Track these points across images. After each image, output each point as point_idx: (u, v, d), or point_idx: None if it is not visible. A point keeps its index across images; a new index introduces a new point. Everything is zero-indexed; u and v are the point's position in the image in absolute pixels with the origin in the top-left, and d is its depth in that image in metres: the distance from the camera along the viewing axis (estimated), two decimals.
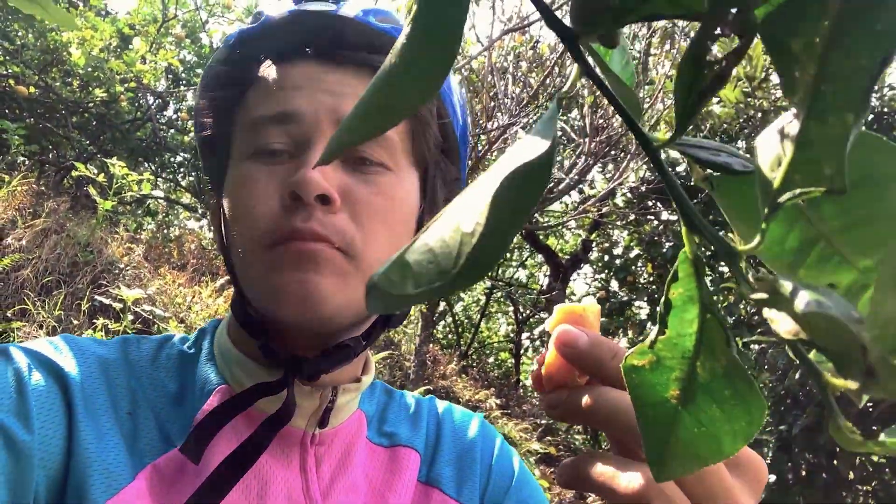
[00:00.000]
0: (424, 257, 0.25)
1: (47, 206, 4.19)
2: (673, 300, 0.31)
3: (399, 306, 0.26)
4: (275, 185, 0.79)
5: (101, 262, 3.98)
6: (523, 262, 11.79)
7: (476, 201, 0.25)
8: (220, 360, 0.88)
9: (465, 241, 0.25)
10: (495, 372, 11.40)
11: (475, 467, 0.97)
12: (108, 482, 0.73)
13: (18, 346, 0.80)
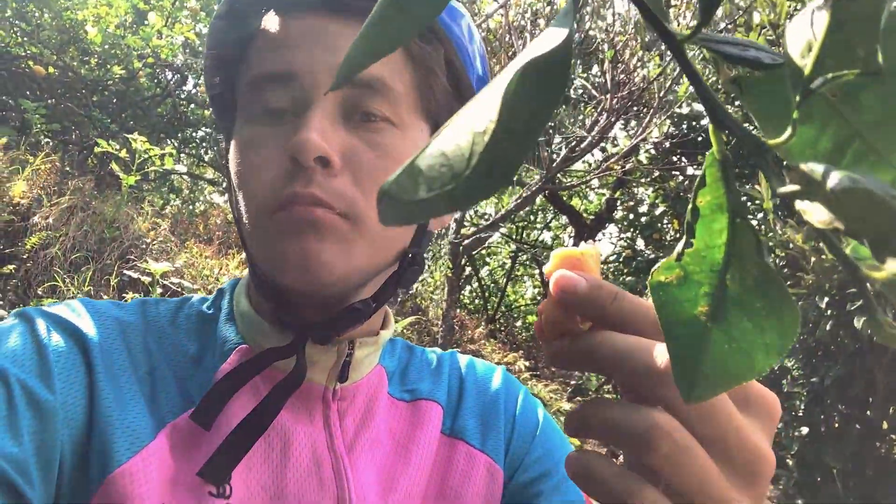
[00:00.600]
0: (437, 161, 0.24)
1: (72, 185, 4.22)
2: (700, 208, 0.29)
3: (412, 214, 0.25)
4: (276, 149, 0.78)
5: (127, 237, 4.01)
6: (547, 224, 11.74)
7: (489, 100, 0.24)
8: (240, 320, 0.88)
9: (478, 140, 0.23)
10: (523, 335, 11.40)
11: (499, 419, 0.96)
12: (131, 440, 0.74)
13: (37, 309, 0.81)
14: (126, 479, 0.72)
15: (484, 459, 0.93)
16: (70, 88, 7.10)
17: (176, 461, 0.77)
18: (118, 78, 7.12)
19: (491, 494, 0.91)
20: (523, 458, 0.95)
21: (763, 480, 0.46)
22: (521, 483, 0.93)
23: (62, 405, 0.72)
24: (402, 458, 0.89)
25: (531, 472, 0.93)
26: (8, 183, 3.76)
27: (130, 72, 7.08)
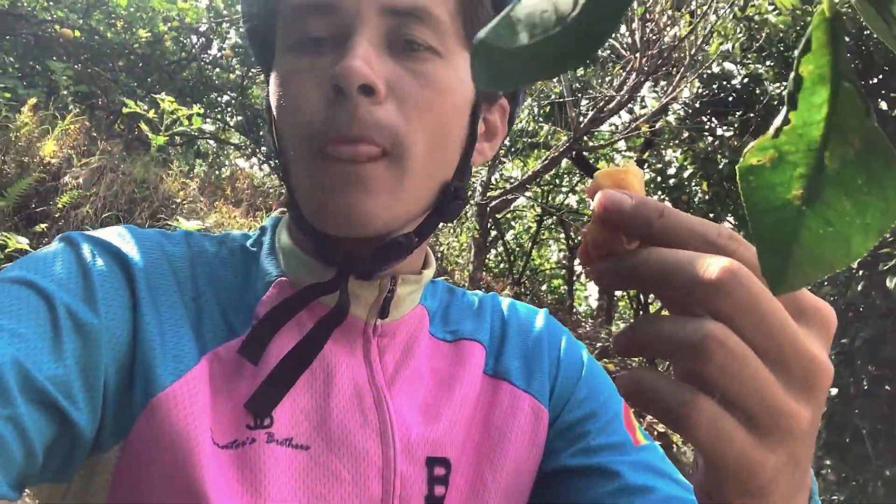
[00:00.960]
0: (538, 6, 0.23)
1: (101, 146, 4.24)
2: (804, 77, 0.28)
3: (512, 69, 0.24)
4: (318, 80, 0.76)
5: (157, 197, 4.04)
6: (573, 187, 11.67)
7: None
8: (281, 255, 0.88)
9: None
10: (549, 298, 11.40)
11: (543, 360, 0.96)
12: (175, 364, 0.74)
13: (82, 233, 0.81)
14: (171, 402, 0.72)
15: (528, 399, 0.92)
16: (96, 52, 7.12)
17: (217, 389, 0.77)
18: (144, 41, 7.12)
19: (535, 433, 0.91)
20: (568, 398, 0.94)
21: (820, 389, 0.45)
22: (567, 423, 0.92)
23: (106, 328, 0.72)
24: (445, 392, 0.89)
25: (577, 413, 0.93)
26: (38, 143, 3.79)
27: (156, 35, 7.08)
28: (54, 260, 0.75)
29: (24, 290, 0.71)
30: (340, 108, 0.74)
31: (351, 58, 0.73)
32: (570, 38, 0.23)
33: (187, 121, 4.46)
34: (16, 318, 0.68)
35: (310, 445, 0.78)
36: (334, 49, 0.77)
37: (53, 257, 0.76)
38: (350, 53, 0.74)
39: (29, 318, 0.68)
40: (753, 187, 0.31)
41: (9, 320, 0.67)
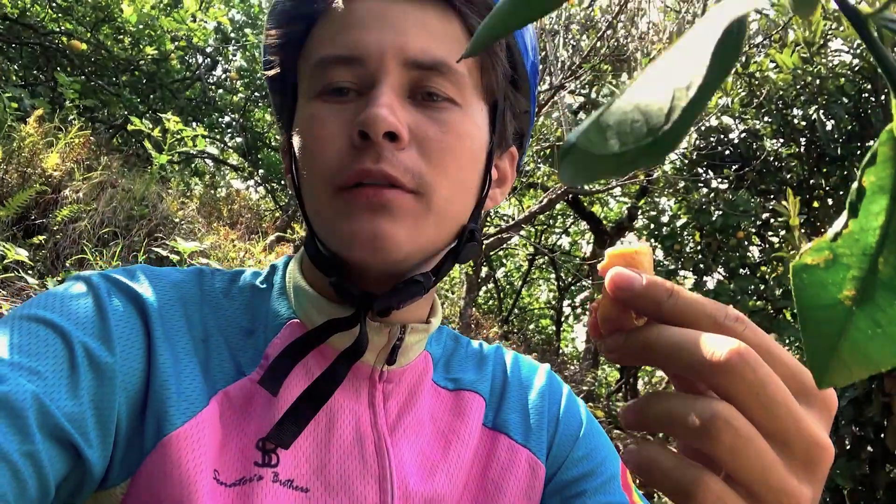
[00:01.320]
0: (629, 116, 0.24)
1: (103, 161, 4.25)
2: (865, 188, 0.29)
3: (598, 170, 0.25)
4: (342, 125, 0.79)
5: (155, 216, 4.04)
6: (566, 229, 11.72)
7: (690, 56, 0.23)
8: (292, 295, 0.89)
9: (679, 95, 0.23)
10: (536, 338, 11.40)
11: (543, 416, 0.96)
12: (186, 405, 0.76)
13: (98, 273, 0.83)
14: (181, 442, 0.73)
15: (526, 454, 0.93)
16: (101, 66, 7.15)
17: (226, 428, 0.78)
18: (150, 58, 7.16)
19: (532, 488, 0.91)
20: (567, 456, 0.95)
21: (821, 468, 0.47)
22: (564, 481, 0.93)
23: (121, 367, 0.74)
24: (441, 448, 0.89)
25: (575, 471, 0.93)
26: (42, 154, 3.80)
27: (162, 53, 7.12)
28: (72, 299, 0.77)
29: (42, 328, 0.72)
30: (367, 153, 0.77)
31: (376, 106, 0.76)
32: (658, 147, 0.24)
33: (192, 142, 4.48)
34: (34, 356, 0.69)
35: (309, 488, 0.79)
36: (358, 97, 0.80)
37: (71, 296, 0.77)
38: (375, 101, 0.76)
39: (47, 357, 0.70)
40: (806, 284, 0.32)
41: (28, 358, 0.69)
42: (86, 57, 6.84)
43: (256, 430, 0.79)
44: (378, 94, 0.77)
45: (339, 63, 0.80)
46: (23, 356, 0.69)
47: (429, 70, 0.80)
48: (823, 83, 5.75)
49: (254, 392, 0.81)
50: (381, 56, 0.79)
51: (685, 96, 0.23)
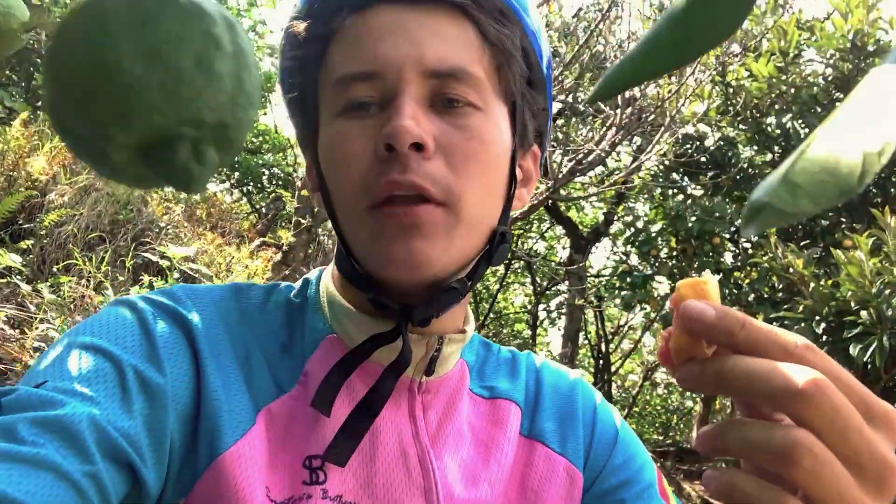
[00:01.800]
0: (818, 177, 0.27)
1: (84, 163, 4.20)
2: None
3: (781, 221, 0.27)
4: (367, 140, 0.79)
5: (140, 220, 4.01)
6: (543, 233, 11.78)
7: (879, 115, 0.26)
8: (328, 309, 0.90)
9: (871, 161, 0.26)
10: (512, 342, 11.43)
11: (577, 423, 0.97)
12: (236, 424, 0.76)
13: (140, 297, 0.83)
14: (234, 462, 0.74)
15: (564, 463, 0.93)
16: None
17: (272, 446, 0.79)
18: None
19: (570, 498, 0.92)
20: (604, 465, 0.95)
21: (890, 488, 0.50)
22: (603, 490, 0.94)
23: (171, 388, 0.74)
24: (482, 457, 0.90)
25: (613, 480, 0.94)
26: (28, 157, 3.76)
27: None
28: (118, 324, 0.77)
29: (91, 354, 0.73)
30: (394, 166, 0.77)
31: (400, 118, 0.76)
32: (845, 198, 0.27)
33: None
34: (86, 381, 0.70)
35: (357, 502, 0.80)
36: (381, 111, 0.80)
37: (117, 321, 0.78)
38: (398, 113, 0.77)
39: (98, 381, 0.70)
40: None
41: (81, 384, 0.69)
42: None
43: (301, 447, 0.80)
44: (400, 106, 0.78)
45: (359, 79, 0.80)
46: (75, 382, 0.69)
47: (447, 77, 0.80)
48: (797, 92, 5.86)
49: (295, 409, 0.82)
50: (400, 68, 0.79)
51: (877, 161, 0.26)
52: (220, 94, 0.30)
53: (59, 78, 0.31)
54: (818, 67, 5.99)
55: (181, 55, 0.30)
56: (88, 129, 0.31)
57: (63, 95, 0.31)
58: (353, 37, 0.83)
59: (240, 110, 0.31)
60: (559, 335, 10.15)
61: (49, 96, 0.33)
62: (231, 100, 0.31)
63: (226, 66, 0.31)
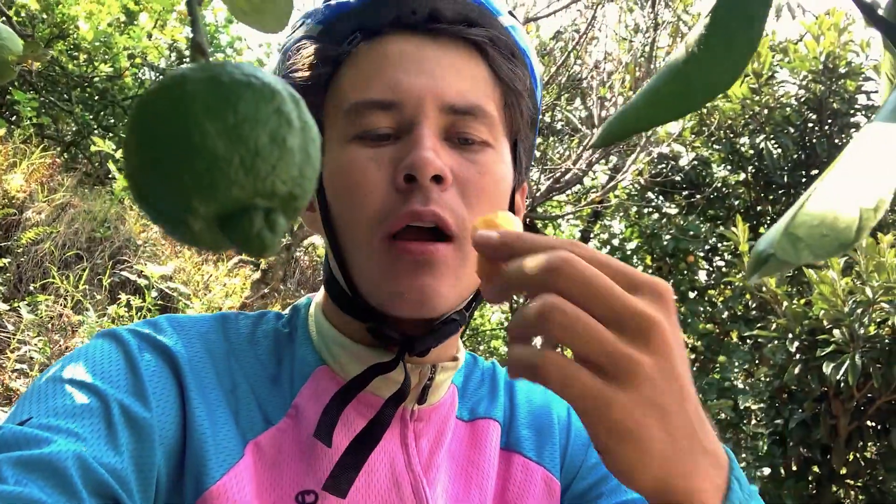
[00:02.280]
0: (817, 230, 0.29)
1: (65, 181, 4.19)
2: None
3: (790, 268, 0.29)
4: (383, 169, 0.80)
5: (118, 238, 3.99)
6: None
7: (873, 173, 0.28)
8: (318, 340, 0.89)
9: (867, 216, 0.28)
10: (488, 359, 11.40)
11: (553, 428, 0.98)
12: (223, 457, 0.76)
13: (125, 329, 0.83)
14: (221, 497, 0.74)
15: (541, 472, 0.94)
16: (53, 82, 7.02)
17: (260, 479, 0.79)
18: (104, 75, 7.06)
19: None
20: (580, 466, 0.97)
21: (657, 339, 0.56)
22: (580, 490, 0.95)
23: (158, 422, 0.74)
24: (463, 484, 0.90)
25: (589, 479, 0.95)
26: (5, 175, 3.73)
27: (117, 70, 7.02)
28: (103, 357, 0.77)
29: (75, 389, 0.72)
30: (413, 196, 0.78)
31: (422, 149, 0.77)
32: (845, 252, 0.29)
33: None
34: (72, 417, 0.70)
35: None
36: (395, 140, 0.81)
37: (101, 355, 0.78)
38: (420, 145, 0.78)
39: (83, 417, 0.70)
40: None
41: (66, 420, 0.69)
42: (38, 73, 6.72)
43: (292, 481, 0.80)
44: (421, 137, 0.78)
45: (376, 107, 0.81)
46: (60, 418, 0.69)
47: (465, 115, 0.82)
48: (771, 113, 5.95)
49: (283, 442, 0.81)
50: (420, 101, 0.80)
51: (873, 217, 0.28)
52: (291, 168, 0.33)
53: (144, 152, 0.34)
54: (791, 89, 6.09)
55: (258, 133, 0.32)
56: (171, 201, 0.33)
57: (148, 169, 0.34)
58: (368, 62, 0.83)
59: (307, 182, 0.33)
60: None
61: (132, 169, 0.35)
62: (300, 172, 0.33)
63: (295, 140, 0.33)
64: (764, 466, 5.00)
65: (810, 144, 5.91)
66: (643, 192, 6.98)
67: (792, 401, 4.98)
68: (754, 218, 6.33)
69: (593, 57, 6.70)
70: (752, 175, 6.36)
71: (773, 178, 6.05)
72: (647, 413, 0.55)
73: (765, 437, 5.19)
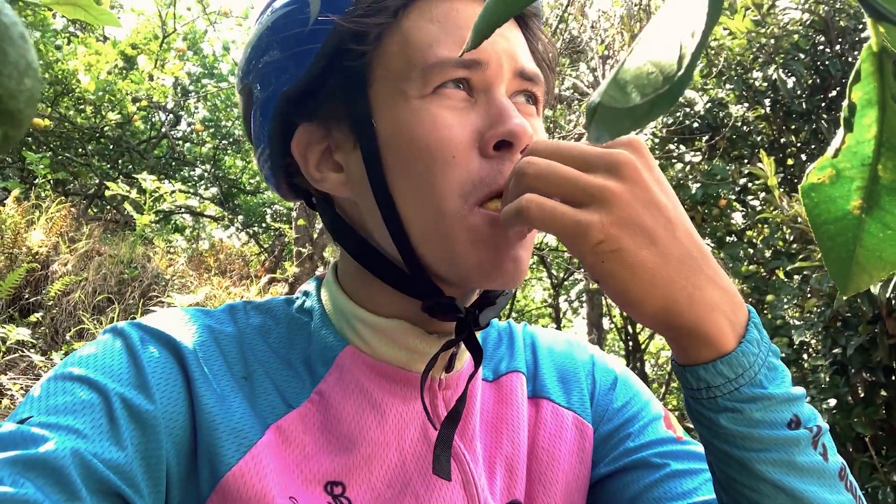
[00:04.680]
0: (643, 70, 0.27)
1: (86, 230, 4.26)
2: (855, 103, 0.32)
3: (625, 122, 0.27)
4: (467, 132, 0.76)
5: (146, 276, 4.05)
6: None
7: (691, 8, 0.26)
8: (338, 320, 0.86)
9: (687, 43, 0.26)
10: None
11: (578, 374, 0.97)
12: (239, 441, 0.75)
13: (130, 323, 0.82)
14: (239, 480, 0.73)
15: (572, 416, 0.93)
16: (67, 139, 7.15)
17: (285, 461, 0.77)
18: (114, 123, 7.17)
19: (582, 451, 0.92)
20: (606, 409, 0.96)
21: (625, 169, 0.65)
22: (607, 431, 0.94)
23: (163, 414, 0.73)
24: (496, 440, 0.89)
25: (616, 420, 0.94)
26: (24, 233, 3.80)
27: (125, 116, 7.13)
28: (104, 352, 0.76)
29: (76, 385, 0.72)
30: (504, 163, 0.76)
31: (517, 117, 0.76)
32: (672, 91, 0.27)
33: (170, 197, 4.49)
34: (70, 414, 0.69)
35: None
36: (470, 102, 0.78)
37: (103, 350, 0.77)
38: (510, 113, 0.76)
39: (83, 413, 0.69)
40: (815, 202, 0.35)
41: (65, 417, 0.68)
42: (50, 132, 6.85)
43: (318, 469, 0.78)
44: (507, 104, 0.77)
45: (460, 66, 0.77)
46: (59, 416, 0.68)
47: (530, 80, 0.82)
48: (778, 42, 5.83)
49: (307, 426, 0.80)
50: (500, 63, 0.78)
51: (693, 43, 0.26)
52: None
53: None
54: (795, 14, 5.96)
55: None
56: None
57: None
58: (440, 17, 0.79)
59: (8, 80, 0.31)
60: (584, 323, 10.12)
61: None
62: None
63: None
64: (829, 398, 4.91)
65: (823, 67, 5.79)
66: (663, 144, 6.89)
67: (846, 327, 4.88)
68: (779, 151, 6.23)
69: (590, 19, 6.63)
70: (770, 108, 6.24)
71: (791, 107, 5.93)
72: (627, 233, 0.64)
73: (826, 369, 5.10)
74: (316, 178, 0.85)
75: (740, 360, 0.67)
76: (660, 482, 0.87)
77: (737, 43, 5.95)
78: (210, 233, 10.31)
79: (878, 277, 0.35)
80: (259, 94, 0.85)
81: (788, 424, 0.68)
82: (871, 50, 0.31)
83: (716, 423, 0.69)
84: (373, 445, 0.81)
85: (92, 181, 7.23)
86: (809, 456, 0.69)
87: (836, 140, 0.34)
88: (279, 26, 0.82)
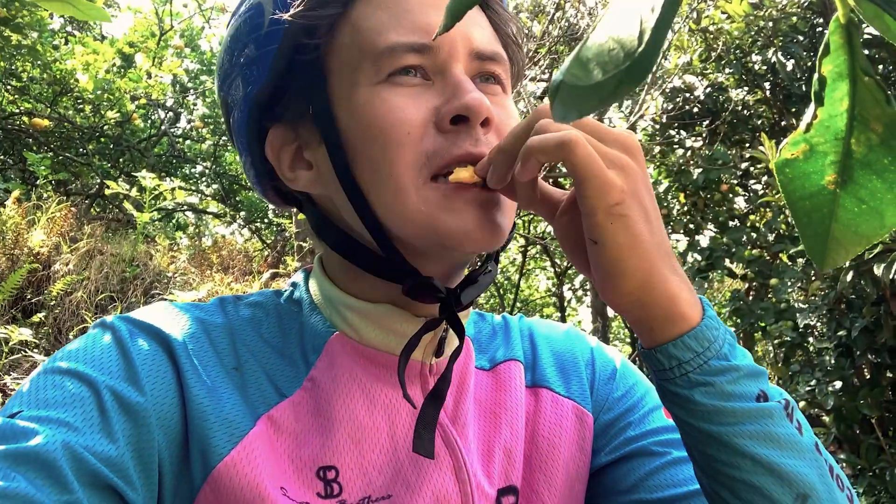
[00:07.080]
0: (605, 46, 0.27)
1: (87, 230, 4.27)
2: (825, 76, 0.32)
3: (592, 101, 0.27)
4: (422, 109, 0.77)
5: (148, 274, 4.05)
6: None
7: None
8: (327, 307, 0.87)
9: (647, 18, 0.26)
10: None
11: (578, 364, 0.97)
12: (230, 431, 0.75)
13: (119, 316, 0.82)
14: (231, 470, 0.73)
15: (571, 405, 0.93)
16: (67, 139, 7.15)
17: (277, 451, 0.77)
18: (113, 122, 7.17)
19: (583, 439, 0.92)
20: (606, 398, 0.96)
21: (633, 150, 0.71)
22: (608, 420, 0.94)
23: (154, 406, 0.73)
24: (492, 425, 0.89)
25: (617, 410, 0.95)
26: (25, 234, 3.81)
27: (124, 115, 7.13)
28: (94, 345, 0.76)
29: (66, 379, 0.72)
30: (462, 136, 0.77)
31: (472, 91, 0.76)
32: (636, 68, 0.27)
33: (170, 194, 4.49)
34: (61, 407, 0.69)
35: (391, 494, 0.79)
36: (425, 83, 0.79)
37: (93, 343, 0.77)
38: (465, 88, 0.77)
39: (74, 406, 0.69)
40: (790, 178, 0.35)
41: (55, 411, 0.68)
42: (50, 132, 6.85)
43: (310, 455, 0.78)
44: (463, 81, 0.78)
45: (410, 50, 0.78)
46: (50, 409, 0.68)
47: (488, 60, 0.82)
48: (776, 25, 5.81)
49: (298, 414, 0.80)
50: (453, 44, 0.79)
51: (651, 18, 0.26)
52: None
53: None
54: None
55: None
56: None
57: None
58: (391, 4, 0.80)
59: None
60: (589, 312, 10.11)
61: None
62: None
63: None
64: (835, 380, 4.90)
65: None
66: (664, 129, 6.87)
67: (851, 309, 4.87)
68: (780, 133, 6.20)
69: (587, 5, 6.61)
70: (770, 91, 6.22)
71: (791, 89, 5.91)
72: (636, 204, 0.68)
73: (830, 352, 5.09)
74: (290, 178, 0.86)
75: (706, 333, 0.71)
76: (661, 469, 0.87)
77: (735, 26, 5.92)
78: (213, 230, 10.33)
79: (854, 252, 0.35)
80: (233, 102, 0.87)
81: (757, 398, 0.70)
82: (838, 22, 0.31)
83: (691, 401, 0.70)
84: (363, 429, 0.81)
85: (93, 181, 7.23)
86: (785, 428, 0.70)
87: (807, 114, 0.33)
88: (242, 32, 0.84)
